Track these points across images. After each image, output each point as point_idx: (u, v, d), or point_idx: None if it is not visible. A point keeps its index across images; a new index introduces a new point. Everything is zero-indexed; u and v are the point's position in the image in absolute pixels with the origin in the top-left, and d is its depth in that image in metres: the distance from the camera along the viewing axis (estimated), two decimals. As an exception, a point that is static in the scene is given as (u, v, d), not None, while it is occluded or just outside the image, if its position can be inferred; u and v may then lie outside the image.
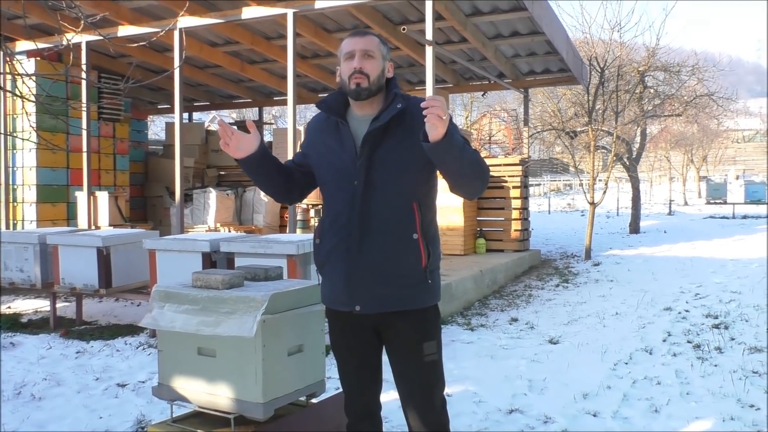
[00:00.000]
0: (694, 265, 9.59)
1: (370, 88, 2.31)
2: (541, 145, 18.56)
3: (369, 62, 2.32)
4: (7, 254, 6.47)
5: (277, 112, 28.05)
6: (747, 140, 41.14)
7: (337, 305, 2.39)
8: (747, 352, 5.04)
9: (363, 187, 2.29)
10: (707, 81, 14.81)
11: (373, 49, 2.33)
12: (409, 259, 2.29)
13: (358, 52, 2.32)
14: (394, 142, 2.30)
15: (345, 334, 2.44)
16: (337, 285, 2.35)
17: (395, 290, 2.30)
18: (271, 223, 11.04)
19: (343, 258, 2.32)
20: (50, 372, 4.72)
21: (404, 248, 2.29)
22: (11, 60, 3.81)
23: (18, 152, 9.23)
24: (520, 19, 8.69)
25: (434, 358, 2.37)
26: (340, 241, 2.32)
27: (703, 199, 25.92)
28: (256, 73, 11.47)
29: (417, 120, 2.21)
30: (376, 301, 2.30)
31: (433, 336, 2.38)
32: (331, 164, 2.37)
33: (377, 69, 2.33)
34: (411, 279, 2.31)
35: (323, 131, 2.44)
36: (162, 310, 2.66)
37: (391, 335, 2.38)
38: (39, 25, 9.06)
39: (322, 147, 2.42)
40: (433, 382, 2.38)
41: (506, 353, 5.17)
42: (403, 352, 2.37)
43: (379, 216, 2.28)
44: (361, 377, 2.48)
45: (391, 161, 2.28)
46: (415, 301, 2.33)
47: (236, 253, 5.13)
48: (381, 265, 2.28)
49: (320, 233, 2.42)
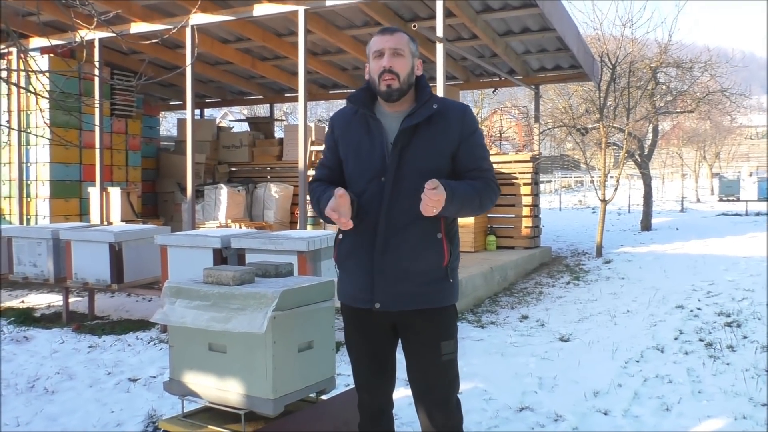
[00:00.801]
0: (706, 262, 9.52)
1: (401, 88, 2.30)
2: (552, 141, 18.51)
3: (399, 61, 2.29)
4: (20, 249, 6.53)
5: (288, 109, 28.10)
6: (760, 137, 40.75)
7: (357, 302, 2.38)
8: (759, 350, 5.00)
9: (392, 184, 2.28)
10: (720, 77, 14.67)
11: (403, 47, 2.31)
12: (433, 258, 2.30)
13: (388, 51, 2.29)
14: (425, 141, 2.30)
15: (362, 331, 2.44)
16: (358, 281, 2.34)
17: (417, 288, 2.30)
18: (282, 219, 11.07)
19: (366, 254, 2.31)
20: (62, 366, 4.77)
21: (429, 247, 2.29)
22: (25, 57, 3.84)
23: (31, 148, 9.30)
24: (531, 16, 8.64)
25: (451, 357, 2.37)
26: (366, 237, 2.31)
27: (715, 196, 25.71)
28: (267, 70, 11.50)
29: (449, 122, 2.28)
30: (397, 298, 2.30)
31: (452, 335, 2.38)
32: (359, 159, 2.35)
33: (407, 67, 2.31)
34: (433, 277, 2.31)
35: (351, 124, 2.41)
36: (173, 306, 2.68)
37: (409, 333, 2.37)
38: (52, 22, 9.13)
39: (350, 141, 2.39)
40: (449, 381, 2.38)
41: (516, 351, 5.16)
42: (421, 350, 2.37)
43: (406, 214, 2.27)
44: (375, 374, 2.48)
45: (421, 160, 2.28)
46: (436, 300, 2.33)
47: (247, 249, 5.15)
48: (405, 263, 2.28)
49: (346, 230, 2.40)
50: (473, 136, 2.36)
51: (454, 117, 2.33)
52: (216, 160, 12.20)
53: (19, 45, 4.32)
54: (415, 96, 2.38)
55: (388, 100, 2.33)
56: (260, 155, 12.10)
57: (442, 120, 2.31)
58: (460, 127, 2.32)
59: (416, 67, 2.36)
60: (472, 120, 2.38)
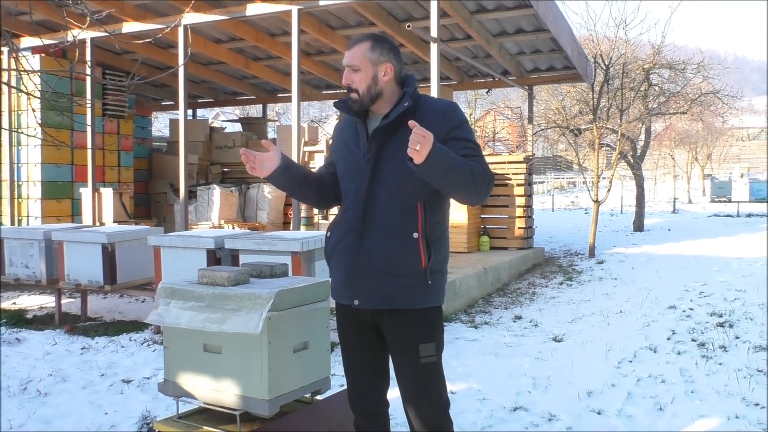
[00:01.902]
0: (698, 263, 9.57)
1: (361, 101, 2.36)
2: (545, 142, 18.55)
3: (355, 76, 2.35)
4: (12, 250, 6.49)
5: (281, 109, 28.05)
6: (752, 138, 41.00)
7: (341, 298, 2.44)
8: (752, 350, 5.03)
9: (368, 183, 2.33)
10: (712, 79, 14.77)
11: (357, 61, 2.34)
12: (408, 258, 2.29)
13: (346, 68, 2.37)
14: (402, 140, 2.25)
15: (349, 329, 2.48)
16: (339, 278, 2.41)
17: (392, 288, 2.30)
18: (275, 220, 11.05)
19: (346, 252, 2.36)
20: (55, 368, 4.74)
21: (403, 247, 2.29)
22: (16, 56, 3.82)
23: (23, 148, 9.25)
24: (525, 17, 8.67)
25: (431, 360, 2.34)
26: (345, 235, 2.38)
27: (707, 197, 25.85)
28: (261, 70, 11.48)
29: (427, 119, 2.24)
30: (373, 296, 2.33)
31: (431, 338, 2.35)
32: (345, 160, 2.44)
33: (366, 79, 2.34)
34: (409, 278, 2.30)
35: (344, 130, 2.50)
36: (168, 307, 2.67)
37: (389, 335, 2.38)
38: (44, 22, 9.09)
39: (342, 145, 2.49)
40: (429, 383, 2.36)
41: (510, 351, 5.17)
42: (400, 352, 2.38)
43: (382, 212, 2.31)
44: (364, 374, 2.49)
45: (398, 159, 2.25)
46: (412, 301, 2.32)
47: (241, 250, 5.14)
48: (379, 262, 2.30)
49: (331, 226, 2.48)
50: (458, 130, 2.31)
51: (433, 115, 2.30)
52: (209, 161, 12.17)
53: (11, 44, 4.30)
54: (396, 97, 2.39)
55: (352, 111, 2.40)
56: (253, 156, 12.06)
57: (423, 119, 2.23)
58: (439, 125, 2.26)
59: (382, 73, 2.34)
60: (455, 115, 2.34)
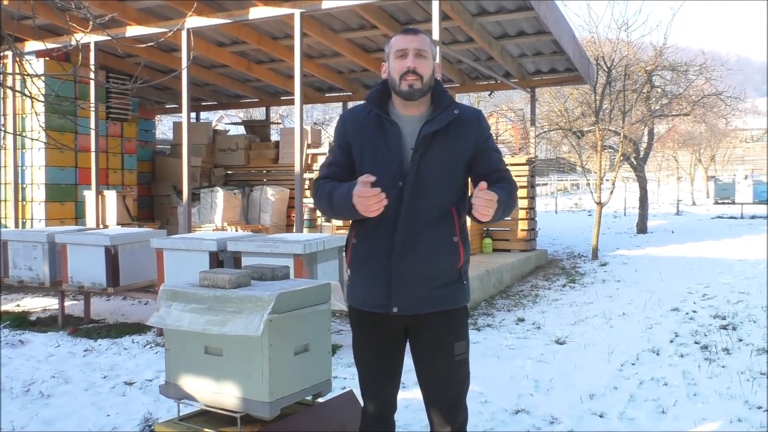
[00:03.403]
0: (701, 265, 9.55)
1: (422, 89, 2.27)
2: (548, 144, 18.53)
3: (422, 62, 2.26)
4: (16, 253, 6.52)
5: (284, 112, 28.10)
6: (755, 140, 40.89)
7: (372, 306, 2.34)
8: (755, 353, 5.02)
9: (411, 189, 2.25)
10: (715, 80, 14.75)
11: (426, 48, 2.28)
12: (449, 261, 2.31)
13: (412, 51, 2.26)
14: (443, 147, 2.28)
15: (373, 336, 2.40)
16: (375, 286, 2.31)
17: (433, 291, 2.30)
18: (278, 222, 11.07)
19: (383, 259, 2.28)
20: (58, 370, 4.75)
21: (446, 251, 2.30)
22: (20, 60, 3.84)
23: (27, 152, 9.28)
24: (527, 19, 8.68)
25: (464, 358, 2.39)
26: (383, 242, 2.28)
27: (711, 199, 25.79)
28: (263, 73, 11.50)
29: (465, 128, 2.29)
30: (414, 302, 2.29)
31: (464, 336, 2.41)
32: (375, 163, 2.28)
33: (429, 69, 2.29)
34: (448, 280, 2.33)
35: (364, 126, 2.34)
36: (169, 309, 2.68)
37: (422, 336, 2.36)
38: (48, 26, 9.12)
39: (365, 143, 2.33)
40: (461, 380, 2.41)
41: (512, 353, 5.17)
42: (435, 351, 2.36)
43: (424, 219, 2.27)
44: (382, 379, 2.45)
45: (438, 166, 2.27)
46: (451, 302, 2.35)
47: (243, 252, 5.15)
48: (423, 267, 2.28)
49: (357, 233, 2.37)
50: (488, 141, 2.38)
51: (470, 123, 2.34)
52: (212, 164, 12.20)
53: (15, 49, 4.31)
54: (431, 100, 2.35)
55: (409, 99, 2.28)
56: (256, 158, 12.10)
57: (459, 126, 2.30)
58: (475, 133, 2.34)
59: (435, 70, 2.34)
60: (486, 126, 2.41)
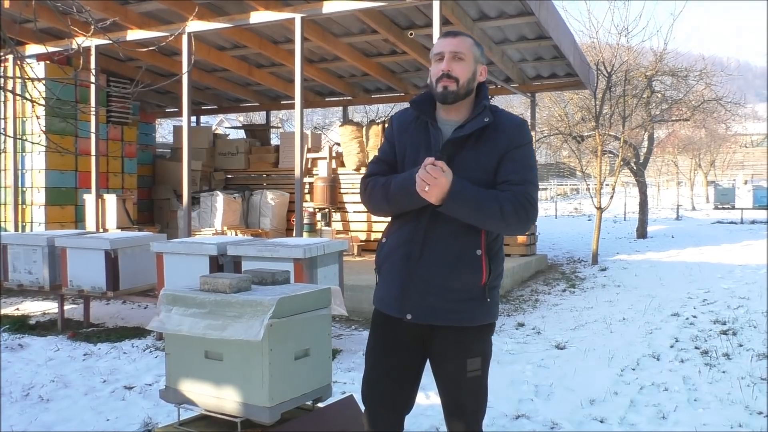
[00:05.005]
0: (701, 270, 9.54)
1: (457, 92, 2.23)
2: (548, 149, 18.55)
3: (458, 65, 2.23)
4: (15, 256, 6.51)
5: (284, 116, 28.13)
6: (755, 145, 40.94)
7: (389, 309, 2.30)
8: (755, 358, 5.01)
9: None
10: (715, 85, 14.77)
11: (464, 50, 2.24)
12: (469, 275, 2.20)
13: (448, 54, 2.24)
14: (473, 153, 2.22)
15: (389, 340, 2.33)
16: (392, 289, 2.28)
17: (451, 304, 2.21)
18: (278, 226, 11.06)
19: (401, 262, 2.24)
20: (58, 374, 4.75)
21: (465, 262, 2.20)
22: (21, 64, 3.84)
23: (27, 155, 9.28)
24: (527, 24, 8.69)
25: (477, 374, 2.28)
26: (403, 244, 2.25)
27: (711, 204, 25.78)
28: (264, 77, 11.52)
29: (499, 136, 2.21)
30: (428, 312, 2.22)
31: (480, 353, 2.29)
32: (414, 164, 2.24)
33: (467, 72, 2.24)
34: (468, 295, 2.21)
35: (409, 129, 2.33)
36: (169, 314, 2.67)
37: (438, 348, 2.29)
38: (49, 29, 9.14)
39: (407, 146, 2.32)
40: (474, 398, 2.32)
41: (512, 358, 5.16)
42: (446, 366, 2.30)
43: (446, 226, 2.19)
44: (390, 388, 2.35)
45: (467, 172, 2.18)
46: (471, 318, 2.24)
47: (243, 256, 5.15)
48: (438, 277, 2.20)
49: (387, 232, 2.35)
50: (517, 150, 2.23)
51: (505, 131, 2.24)
52: (212, 167, 12.20)
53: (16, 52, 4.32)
54: (474, 104, 2.30)
55: (443, 102, 2.26)
56: (256, 162, 12.11)
57: (494, 133, 2.22)
58: (507, 142, 2.23)
59: (479, 73, 2.29)
60: (521, 135, 2.26)
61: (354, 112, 25.13)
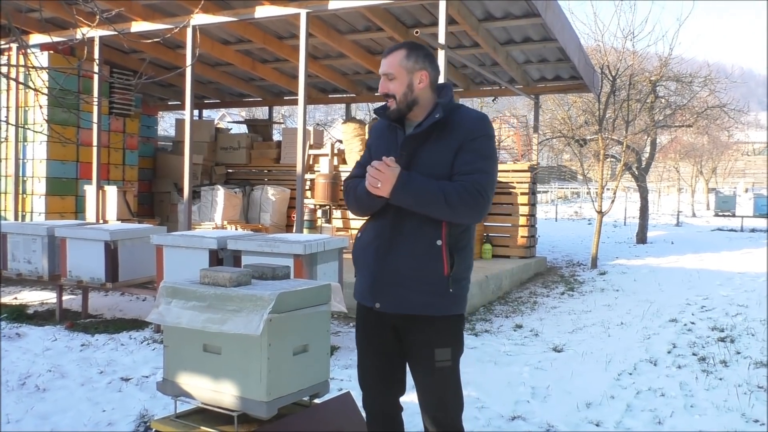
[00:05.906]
0: (700, 277, 9.54)
1: (399, 108, 2.39)
2: (550, 152, 18.54)
3: (391, 83, 2.38)
4: (15, 245, 6.51)
5: (286, 112, 28.12)
6: (757, 153, 40.95)
7: (364, 300, 2.45)
8: (753, 366, 5.01)
9: None
10: (719, 92, 14.74)
11: (392, 70, 2.38)
12: (432, 266, 2.31)
13: (382, 77, 2.42)
14: (434, 149, 2.34)
15: (369, 331, 2.48)
16: (365, 280, 2.43)
17: (415, 295, 2.32)
18: (278, 222, 11.06)
19: (372, 255, 2.39)
20: (55, 364, 4.74)
21: (428, 254, 2.31)
22: (25, 53, 3.83)
23: (29, 144, 9.27)
24: (533, 26, 8.68)
25: (447, 365, 2.36)
26: (374, 238, 2.40)
27: (711, 211, 25.75)
28: (267, 72, 11.51)
29: (460, 130, 2.31)
30: (395, 301, 2.35)
31: (448, 343, 2.38)
32: None
33: (401, 87, 2.37)
34: (431, 286, 2.32)
35: (383, 135, 2.49)
36: (169, 306, 2.67)
37: (408, 339, 2.40)
38: (53, 19, 9.12)
39: (379, 149, 2.45)
40: (443, 387, 2.39)
41: (510, 360, 5.16)
42: (416, 355, 2.40)
43: (409, 219, 2.32)
44: (376, 376, 2.50)
45: (426, 167, 2.31)
46: (433, 308, 2.34)
47: (243, 251, 5.14)
48: (404, 268, 2.32)
49: (363, 228, 2.51)
50: (473, 142, 2.31)
51: (464, 126, 2.34)
52: (213, 162, 12.19)
53: (20, 41, 4.31)
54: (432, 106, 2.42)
55: (389, 119, 2.42)
56: (258, 158, 12.10)
57: (454, 129, 2.33)
58: (465, 135, 2.32)
59: (417, 80, 2.37)
60: (480, 127, 2.34)
61: (357, 109, 25.14)
